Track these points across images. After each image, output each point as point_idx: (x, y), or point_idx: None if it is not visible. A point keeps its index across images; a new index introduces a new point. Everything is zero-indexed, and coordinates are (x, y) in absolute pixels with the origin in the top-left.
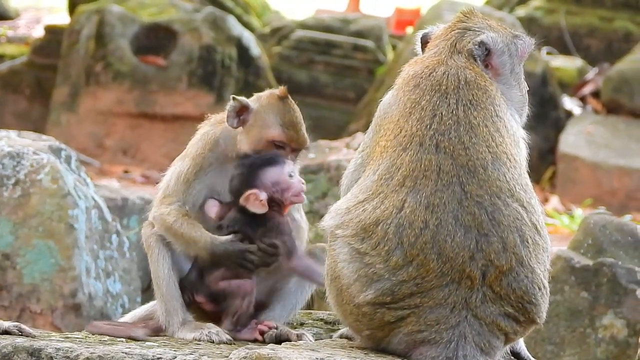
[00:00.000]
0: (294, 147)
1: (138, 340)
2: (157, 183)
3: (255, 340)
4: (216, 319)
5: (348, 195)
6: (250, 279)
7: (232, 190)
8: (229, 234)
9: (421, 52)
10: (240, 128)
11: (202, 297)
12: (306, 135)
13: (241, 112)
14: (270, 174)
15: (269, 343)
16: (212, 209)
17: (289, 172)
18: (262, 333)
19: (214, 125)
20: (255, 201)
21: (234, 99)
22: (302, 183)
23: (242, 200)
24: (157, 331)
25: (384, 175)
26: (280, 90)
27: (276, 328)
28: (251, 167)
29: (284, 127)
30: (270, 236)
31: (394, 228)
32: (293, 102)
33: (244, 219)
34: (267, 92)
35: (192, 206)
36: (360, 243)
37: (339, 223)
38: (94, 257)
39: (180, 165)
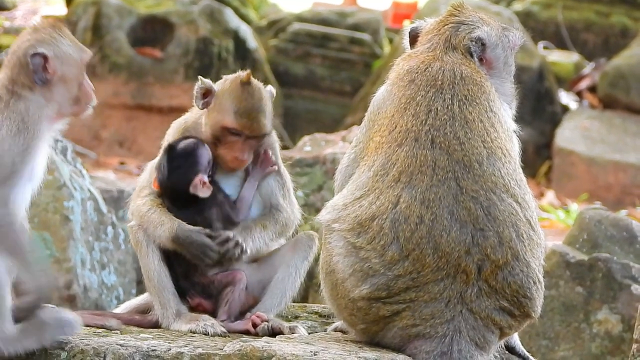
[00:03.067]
0: (248, 135)
1: (111, 330)
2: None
3: (249, 333)
4: (212, 313)
5: (344, 191)
6: (239, 269)
7: (179, 179)
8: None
9: (409, 47)
10: (205, 110)
11: (198, 299)
12: (263, 122)
13: (206, 95)
14: (204, 156)
15: (262, 336)
16: None
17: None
18: (254, 325)
19: (188, 113)
20: (201, 184)
21: (201, 80)
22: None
23: (192, 189)
24: (154, 325)
25: (379, 171)
26: (244, 74)
27: (267, 321)
28: (189, 154)
29: (237, 115)
30: (211, 213)
31: (390, 223)
32: (256, 87)
33: (177, 211)
34: (233, 75)
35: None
36: (356, 237)
37: (336, 217)
38: (89, 249)
39: (156, 158)
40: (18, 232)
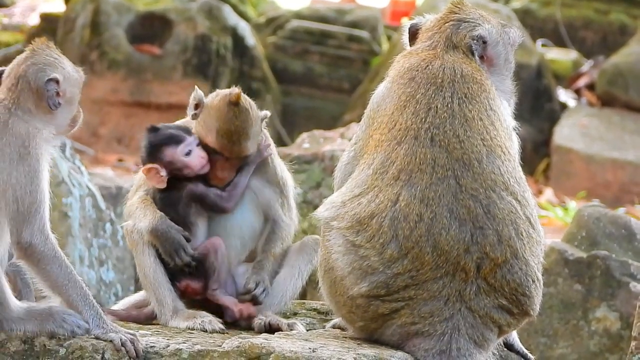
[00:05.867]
0: (228, 156)
1: None
2: None
3: (247, 328)
4: (208, 308)
5: (343, 189)
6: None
7: (142, 162)
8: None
9: (408, 43)
10: (195, 121)
11: (185, 282)
12: (244, 145)
13: (198, 106)
14: (166, 154)
15: (260, 333)
16: None
17: (184, 152)
18: (241, 315)
19: (186, 119)
20: (156, 175)
21: (195, 90)
22: (202, 157)
23: (142, 171)
24: (150, 319)
25: (378, 169)
26: (234, 94)
27: (254, 316)
28: (151, 144)
29: (218, 135)
30: (186, 209)
31: (389, 221)
32: (244, 108)
33: (165, 198)
34: (225, 91)
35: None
36: (355, 235)
37: (334, 215)
38: (87, 246)
39: None
40: (67, 262)
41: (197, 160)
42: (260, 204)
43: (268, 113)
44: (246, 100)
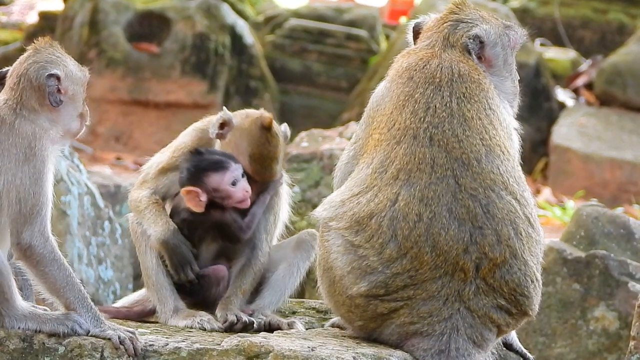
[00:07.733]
0: (258, 180)
1: None
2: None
3: (246, 329)
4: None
5: (342, 188)
6: (223, 264)
7: (180, 182)
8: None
9: (412, 42)
10: (218, 141)
11: (184, 297)
12: (275, 170)
13: (223, 126)
14: (211, 180)
15: (260, 331)
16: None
17: (231, 181)
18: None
19: (206, 123)
20: (195, 198)
21: (224, 111)
22: (247, 191)
23: (182, 192)
24: (147, 315)
25: (378, 168)
26: (266, 119)
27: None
28: (197, 167)
29: (251, 159)
30: (207, 235)
31: (388, 221)
32: (275, 133)
33: (190, 217)
34: (255, 114)
35: (162, 197)
36: (354, 235)
37: (333, 215)
38: (86, 244)
39: (162, 154)
40: (65, 264)
41: (240, 192)
42: None
43: (288, 131)
44: (274, 124)
